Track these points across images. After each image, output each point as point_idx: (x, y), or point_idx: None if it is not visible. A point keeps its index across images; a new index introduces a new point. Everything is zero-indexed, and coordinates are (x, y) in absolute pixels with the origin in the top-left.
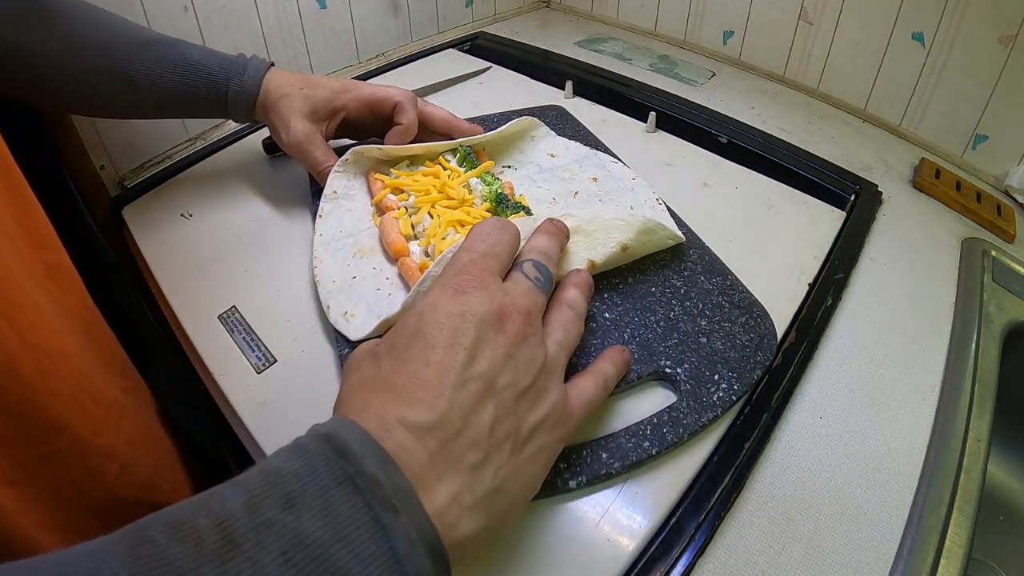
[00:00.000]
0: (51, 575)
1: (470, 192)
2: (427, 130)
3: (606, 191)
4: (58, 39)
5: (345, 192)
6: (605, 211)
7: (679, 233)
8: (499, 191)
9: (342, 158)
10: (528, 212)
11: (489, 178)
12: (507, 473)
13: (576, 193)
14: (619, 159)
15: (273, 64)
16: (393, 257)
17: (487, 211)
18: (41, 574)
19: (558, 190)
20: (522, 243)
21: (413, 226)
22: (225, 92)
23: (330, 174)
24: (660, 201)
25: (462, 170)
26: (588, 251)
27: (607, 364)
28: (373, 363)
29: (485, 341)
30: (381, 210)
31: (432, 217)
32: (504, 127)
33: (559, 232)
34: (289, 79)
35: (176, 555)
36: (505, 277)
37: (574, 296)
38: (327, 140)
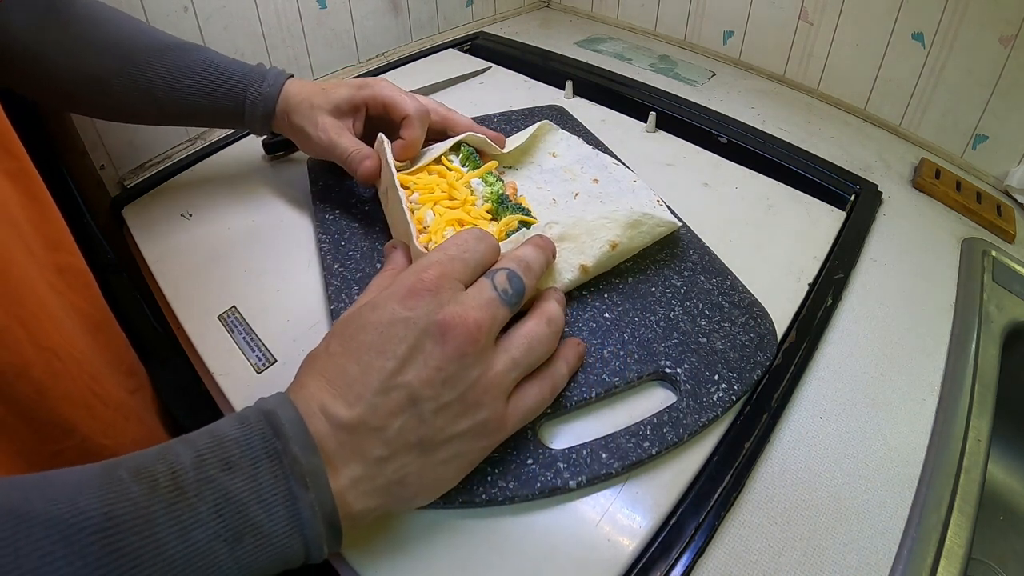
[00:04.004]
0: (35, 486)
1: (471, 192)
2: (448, 136)
3: (607, 192)
4: (77, 41)
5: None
6: (588, 212)
7: (670, 219)
8: (500, 192)
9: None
10: (528, 214)
11: (491, 178)
12: (412, 471)
13: (576, 194)
14: (620, 160)
15: (292, 76)
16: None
17: (488, 212)
18: (28, 488)
19: (558, 191)
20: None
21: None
22: (243, 100)
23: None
24: (661, 202)
25: (464, 170)
26: (578, 256)
27: (562, 363)
28: (329, 340)
29: (420, 351)
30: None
31: (435, 215)
32: (526, 136)
33: (548, 247)
34: (308, 86)
35: (135, 492)
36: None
37: (555, 311)
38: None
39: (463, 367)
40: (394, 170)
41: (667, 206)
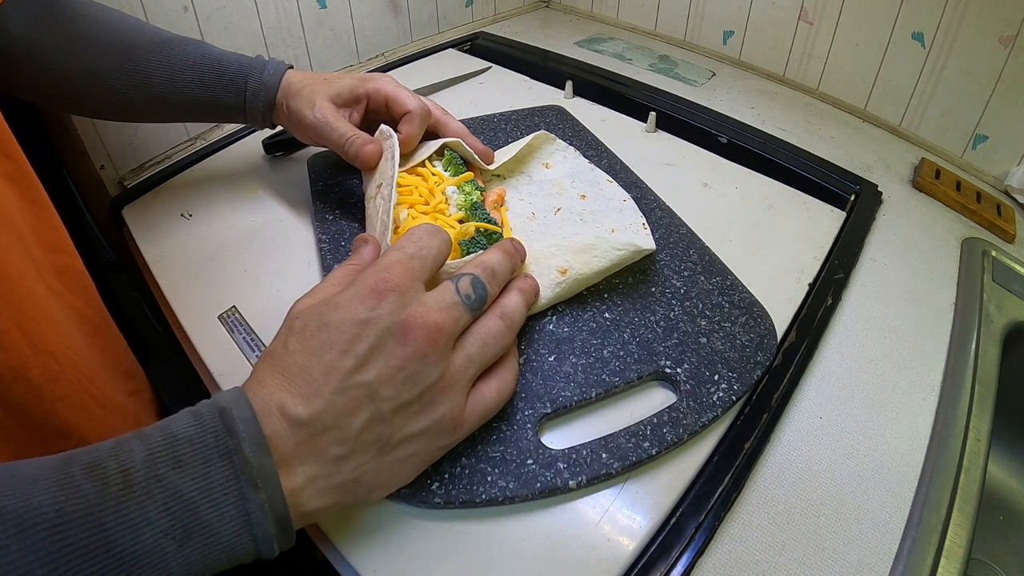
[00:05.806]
0: None
1: (446, 200)
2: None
3: (591, 210)
4: (75, 41)
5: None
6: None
7: (629, 241)
8: (475, 202)
9: None
10: (495, 224)
11: (468, 187)
12: (369, 469)
13: (558, 210)
14: (621, 167)
15: (292, 67)
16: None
17: (459, 220)
18: None
19: (540, 204)
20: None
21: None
22: (243, 91)
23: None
24: (646, 226)
25: (446, 175)
26: None
27: (511, 357)
28: (287, 336)
29: (381, 351)
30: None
31: (409, 216)
32: (518, 148)
33: (516, 253)
34: (310, 75)
35: (87, 489)
36: (438, 283)
37: (513, 303)
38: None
39: (423, 367)
40: (397, 166)
41: (650, 231)
